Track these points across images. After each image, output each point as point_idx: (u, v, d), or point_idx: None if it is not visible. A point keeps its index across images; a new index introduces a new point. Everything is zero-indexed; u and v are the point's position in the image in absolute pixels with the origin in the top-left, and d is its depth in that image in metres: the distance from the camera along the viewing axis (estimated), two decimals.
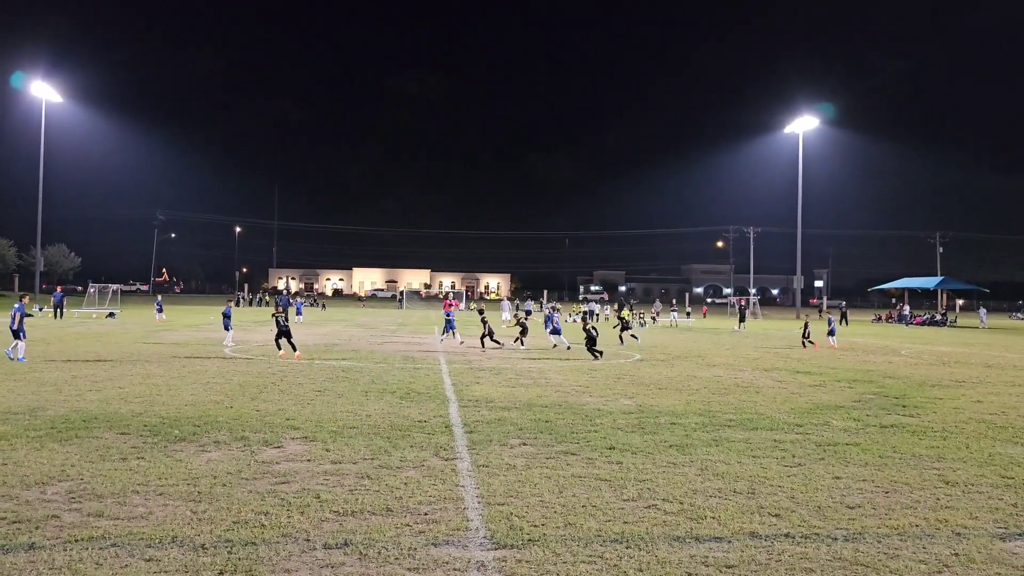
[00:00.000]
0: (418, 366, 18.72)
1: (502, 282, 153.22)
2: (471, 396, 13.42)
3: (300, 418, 10.83)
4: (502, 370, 18.10)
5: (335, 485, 7.25)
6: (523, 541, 5.76)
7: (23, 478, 7.25)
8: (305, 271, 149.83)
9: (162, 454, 8.40)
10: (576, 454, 8.80)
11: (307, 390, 13.80)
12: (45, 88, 61.58)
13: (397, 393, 13.61)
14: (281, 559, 5.30)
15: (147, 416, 10.72)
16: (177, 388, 13.74)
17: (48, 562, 5.14)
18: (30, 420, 10.23)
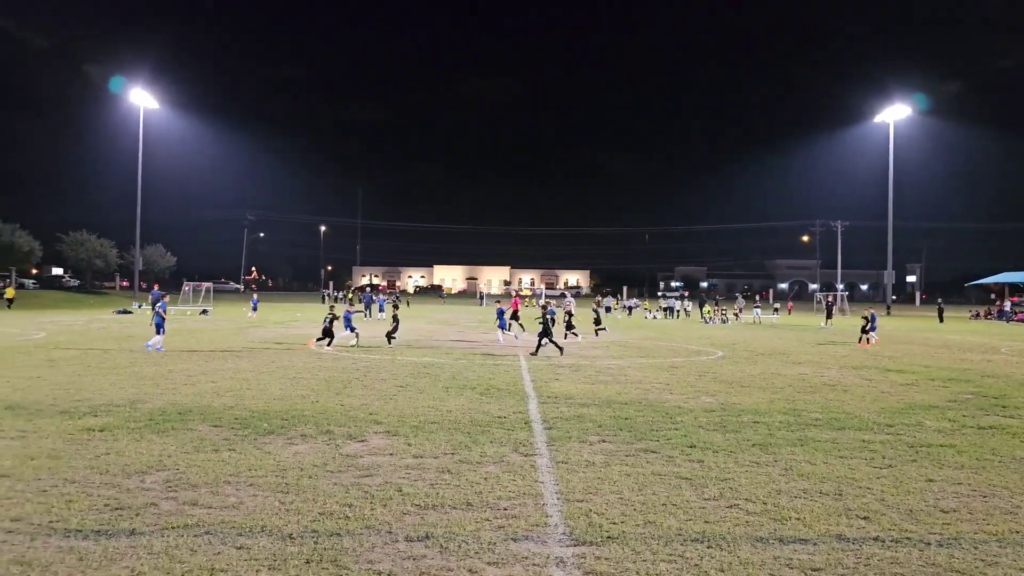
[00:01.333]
0: (498, 362, 18.85)
1: (581, 278, 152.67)
2: (550, 392, 13.44)
3: (383, 413, 11.05)
4: (581, 367, 18.06)
5: (417, 479, 7.38)
6: (602, 538, 5.75)
7: (124, 467, 7.64)
8: (388, 269, 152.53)
9: (252, 446, 8.71)
10: (656, 452, 8.71)
11: (390, 386, 14.08)
12: (143, 95, 64.47)
13: (477, 389, 13.74)
14: (365, 550, 5.43)
15: (238, 409, 11.13)
16: (266, 383, 14.21)
17: (147, 547, 5.40)
18: (130, 412, 10.76)
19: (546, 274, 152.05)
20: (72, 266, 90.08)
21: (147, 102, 64.85)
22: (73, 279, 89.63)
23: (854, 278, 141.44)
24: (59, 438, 8.96)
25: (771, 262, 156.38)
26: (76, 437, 9.02)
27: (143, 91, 64.50)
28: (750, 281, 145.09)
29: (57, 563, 5.07)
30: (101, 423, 9.88)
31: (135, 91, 64.20)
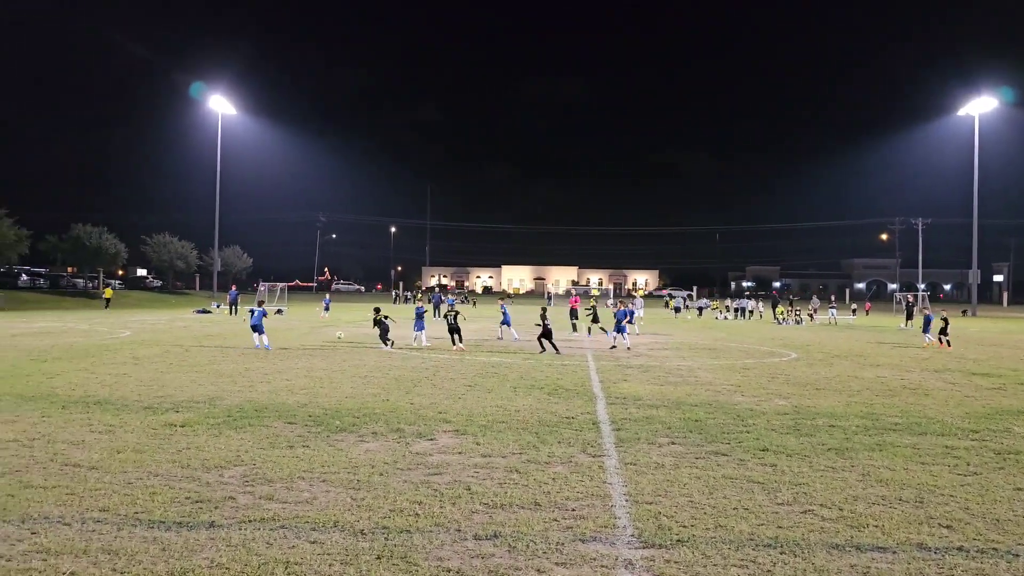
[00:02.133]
0: (565, 363, 18.81)
1: (650, 278, 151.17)
2: (618, 393, 13.35)
3: (452, 412, 11.16)
4: (650, 368, 17.89)
5: (485, 478, 7.43)
6: (672, 541, 5.68)
7: (204, 462, 7.90)
8: (456, 269, 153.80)
9: (325, 443, 8.90)
10: (727, 455, 8.57)
11: (458, 385, 14.20)
12: (221, 102, 66.58)
13: (545, 389, 13.74)
14: (434, 547, 5.49)
15: (311, 407, 11.39)
16: (338, 381, 14.51)
17: (226, 539, 5.58)
18: (209, 409, 11.12)
19: (614, 274, 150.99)
20: (155, 267, 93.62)
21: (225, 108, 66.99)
22: (156, 280, 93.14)
23: (936, 278, 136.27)
24: (143, 433, 9.33)
25: (848, 261, 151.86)
26: (159, 432, 9.38)
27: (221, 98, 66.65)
28: (825, 281, 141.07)
29: (142, 552, 5.28)
30: (182, 419, 10.24)
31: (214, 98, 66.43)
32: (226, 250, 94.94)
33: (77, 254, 75.49)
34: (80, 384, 13.57)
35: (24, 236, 61.74)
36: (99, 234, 75.49)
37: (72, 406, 11.15)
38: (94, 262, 75.96)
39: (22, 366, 16.36)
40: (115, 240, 77.01)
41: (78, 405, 11.25)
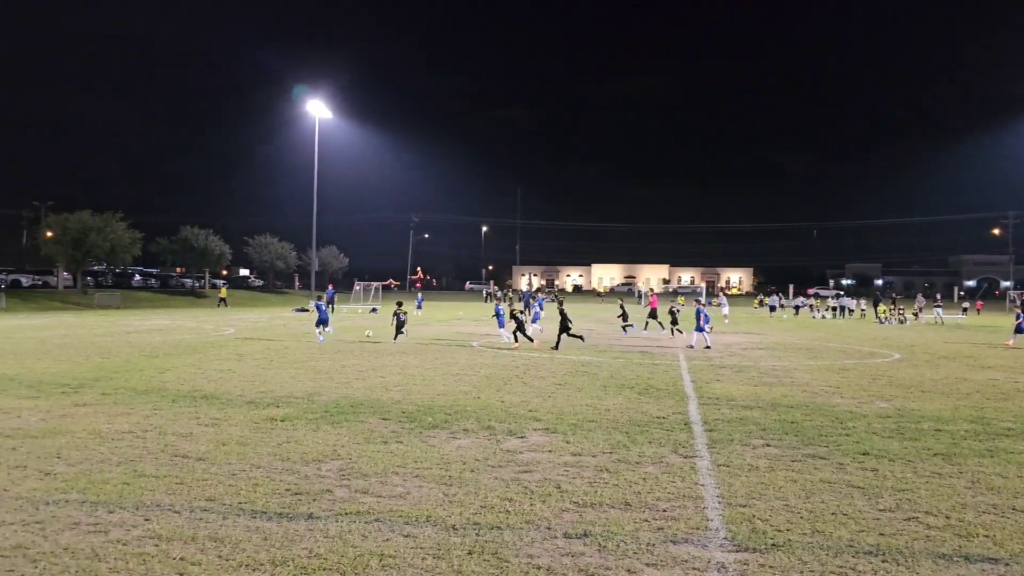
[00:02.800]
0: (656, 362, 18.60)
1: (744, 276, 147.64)
2: (711, 394, 13.11)
3: (542, 410, 11.19)
4: (744, 368, 17.48)
5: (575, 476, 7.43)
6: (766, 545, 5.55)
7: (303, 455, 8.18)
8: (546, 268, 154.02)
9: (418, 439, 9.08)
10: (825, 458, 8.29)
11: (548, 383, 14.23)
12: (318, 106, 68.67)
13: (635, 388, 13.62)
14: (524, 544, 5.53)
15: (405, 404, 11.63)
16: (431, 379, 14.76)
17: (323, 531, 5.77)
18: (308, 404, 11.50)
19: (706, 272, 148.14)
20: (257, 267, 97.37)
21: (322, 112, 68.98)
22: (257, 279, 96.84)
23: None
24: (246, 426, 9.73)
25: (956, 257, 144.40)
26: (261, 426, 9.76)
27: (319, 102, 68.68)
28: (931, 278, 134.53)
29: (245, 541, 5.51)
30: (282, 413, 10.63)
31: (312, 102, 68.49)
32: (323, 250, 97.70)
33: (185, 255, 79.32)
34: (188, 379, 14.26)
35: (137, 238, 65.23)
36: (205, 236, 79.07)
37: (181, 400, 11.73)
38: (200, 263, 79.64)
39: (136, 361, 17.31)
40: (220, 241, 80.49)
41: (186, 399, 11.83)
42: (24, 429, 9.39)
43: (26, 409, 10.80)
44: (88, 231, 60.12)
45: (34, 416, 10.28)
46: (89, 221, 61.00)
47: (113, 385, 13.34)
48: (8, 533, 5.61)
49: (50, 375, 14.66)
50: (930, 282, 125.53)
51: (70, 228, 60.20)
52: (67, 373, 15.01)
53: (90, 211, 62.26)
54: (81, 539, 5.51)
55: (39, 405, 11.17)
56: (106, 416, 10.34)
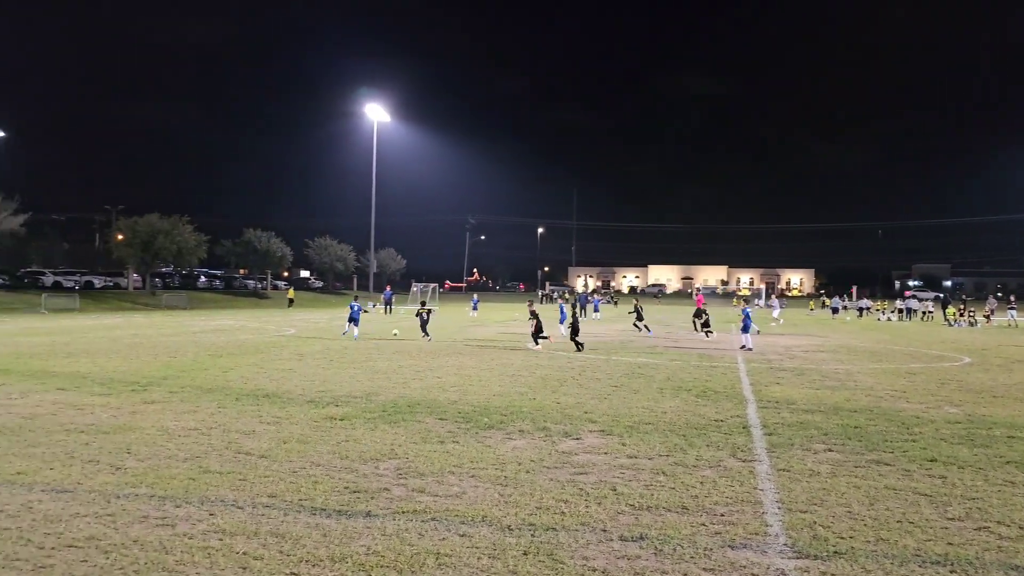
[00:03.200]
0: (715, 364, 18.34)
1: (805, 277, 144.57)
2: (771, 397, 12.88)
3: (597, 412, 11.15)
4: (805, 371, 17.13)
5: (631, 479, 7.38)
6: (828, 553, 5.42)
7: (361, 454, 8.30)
8: (602, 269, 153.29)
9: (473, 440, 9.13)
10: (890, 464, 8.07)
11: (604, 385, 14.16)
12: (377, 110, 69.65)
13: (693, 391, 13.46)
14: (580, 546, 5.51)
15: (461, 404, 11.71)
16: (487, 379, 14.83)
17: (381, 529, 5.85)
18: (366, 404, 11.67)
19: (766, 273, 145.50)
20: (317, 269, 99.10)
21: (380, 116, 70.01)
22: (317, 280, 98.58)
23: None
24: (307, 425, 9.92)
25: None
26: (320, 425, 9.94)
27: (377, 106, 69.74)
28: (1004, 279, 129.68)
29: (305, 537, 5.62)
30: (341, 412, 10.81)
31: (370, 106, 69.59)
32: (381, 252, 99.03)
33: (248, 257, 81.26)
34: (251, 378, 14.61)
35: (203, 241, 67.09)
36: (267, 238, 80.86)
37: (244, 398, 12.02)
38: (263, 264, 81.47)
39: (201, 361, 17.80)
40: (281, 244, 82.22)
41: (249, 397, 12.11)
42: (96, 425, 9.74)
43: (98, 406, 11.21)
44: (156, 234, 62.10)
45: (106, 413, 10.66)
46: (157, 224, 63.00)
47: (180, 383, 13.74)
48: (82, 525, 5.83)
49: (121, 373, 15.18)
50: (1002, 283, 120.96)
51: (139, 231, 62.27)
52: (137, 371, 15.52)
53: (158, 214, 64.32)
54: (150, 532, 5.70)
55: (110, 402, 11.57)
56: (173, 413, 10.66)
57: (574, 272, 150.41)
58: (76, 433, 9.21)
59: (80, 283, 65.78)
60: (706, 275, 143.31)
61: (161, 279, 71.81)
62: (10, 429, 9.40)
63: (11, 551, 5.27)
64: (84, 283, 66.35)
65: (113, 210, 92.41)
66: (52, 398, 11.90)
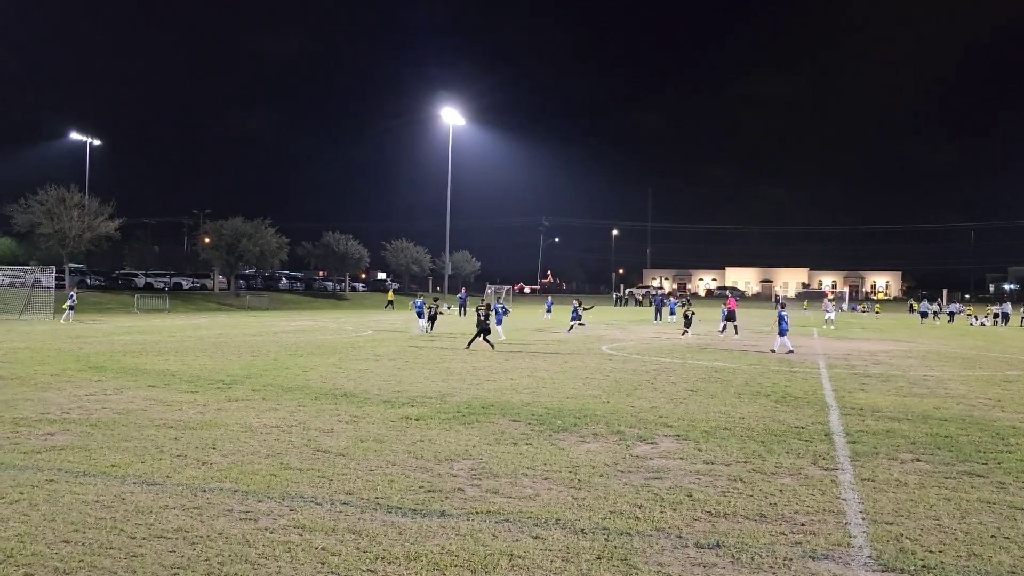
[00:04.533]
0: (795, 369, 17.87)
1: (891, 280, 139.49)
2: (854, 403, 12.46)
3: (673, 416, 10.99)
4: (891, 377, 16.51)
5: (707, 485, 7.24)
6: (916, 567, 5.20)
7: (436, 454, 8.39)
8: (678, 271, 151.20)
9: (547, 442, 9.11)
10: (983, 476, 7.70)
11: (680, 389, 13.95)
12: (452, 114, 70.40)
13: (772, 396, 13.14)
14: (654, 552, 5.44)
15: (534, 406, 11.71)
16: (560, 382, 14.79)
17: (455, 528, 5.89)
18: (440, 404, 11.79)
19: (849, 276, 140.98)
20: (393, 270, 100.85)
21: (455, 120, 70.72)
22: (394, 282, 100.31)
23: None
24: (383, 424, 10.08)
25: None
26: (396, 424, 10.09)
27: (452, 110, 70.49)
28: None
29: (381, 535, 5.71)
30: (417, 413, 10.95)
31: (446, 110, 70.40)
32: (456, 254, 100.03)
33: (327, 259, 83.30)
34: (329, 377, 14.94)
35: (284, 243, 69.07)
36: (346, 241, 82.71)
37: (323, 397, 12.30)
38: (341, 266, 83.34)
39: (283, 360, 18.30)
40: (359, 246, 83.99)
41: (328, 396, 12.39)
42: (184, 421, 10.12)
43: (186, 403, 11.64)
44: (240, 237, 64.25)
45: (193, 409, 11.07)
46: (241, 227, 65.18)
47: (262, 382, 14.16)
48: (171, 516, 6.06)
49: (207, 371, 15.74)
50: None
51: (225, 234, 64.55)
52: (221, 370, 16.06)
53: (242, 218, 66.52)
54: (233, 525, 5.88)
55: (197, 399, 12.01)
56: (256, 411, 10.99)
57: (649, 274, 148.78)
58: (165, 428, 9.58)
59: (169, 284, 68.60)
60: (786, 277, 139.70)
61: (245, 280, 74.26)
62: (105, 424, 9.85)
63: (105, 540, 5.52)
64: (173, 284, 69.17)
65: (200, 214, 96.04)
66: (143, 394, 12.43)
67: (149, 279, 69.87)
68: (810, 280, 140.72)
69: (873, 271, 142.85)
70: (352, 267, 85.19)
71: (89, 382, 13.87)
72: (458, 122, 71.17)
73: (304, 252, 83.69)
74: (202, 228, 75.37)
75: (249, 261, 67.98)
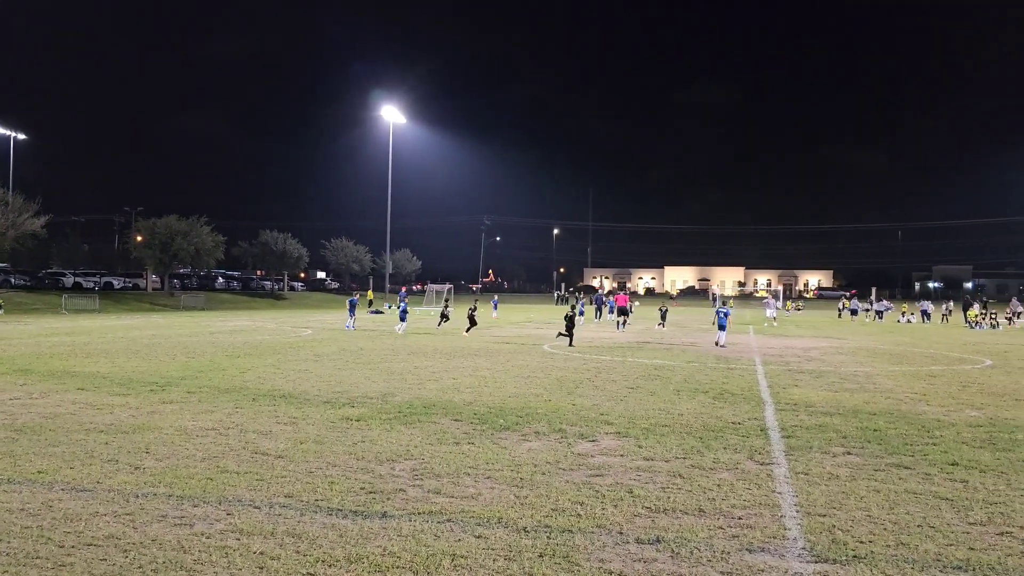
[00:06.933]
0: (732, 366, 18.24)
1: (824, 278, 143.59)
2: (789, 399, 12.78)
3: (613, 414, 11.10)
4: (824, 373, 16.99)
5: (647, 481, 7.34)
6: (847, 557, 5.37)
7: (377, 454, 8.31)
8: (618, 270, 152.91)
9: (489, 441, 9.12)
10: (910, 468, 7.98)
11: (620, 387, 14.11)
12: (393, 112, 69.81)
13: (710, 393, 13.39)
14: (596, 548, 5.49)
15: (476, 405, 11.70)
16: (502, 381, 14.81)
17: (397, 529, 5.84)
18: (382, 405, 11.69)
19: (784, 274, 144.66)
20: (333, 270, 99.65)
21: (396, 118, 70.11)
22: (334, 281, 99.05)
23: None
24: (323, 425, 9.95)
25: None
26: (337, 425, 9.97)
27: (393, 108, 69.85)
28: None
29: (321, 537, 5.63)
30: (357, 413, 10.83)
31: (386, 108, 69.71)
32: (397, 253, 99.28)
33: (265, 258, 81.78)
34: (268, 378, 14.67)
35: (220, 242, 67.59)
36: (284, 240, 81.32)
37: (261, 399, 12.08)
38: (280, 265, 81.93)
39: (219, 361, 17.91)
40: (298, 245, 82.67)
41: (266, 398, 12.17)
42: (116, 425, 9.82)
43: (117, 406, 11.30)
44: (175, 235, 62.65)
45: (125, 412, 10.74)
46: (176, 226, 63.55)
47: (198, 384, 13.83)
48: (101, 523, 5.87)
49: (139, 373, 15.30)
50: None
51: (158, 232, 62.85)
52: (155, 372, 15.63)
53: (177, 216, 64.86)
54: (168, 531, 5.73)
55: (129, 402, 11.66)
56: (191, 413, 10.73)
57: (589, 273, 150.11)
58: (96, 433, 9.28)
59: (100, 284, 66.50)
60: (723, 276, 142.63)
61: (179, 280, 72.45)
62: (31, 429, 9.50)
63: (32, 549, 5.32)
64: (104, 284, 67.08)
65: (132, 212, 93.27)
66: (72, 398, 12.01)
67: (78, 278, 67.58)
68: (746, 279, 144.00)
69: (806, 270, 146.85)
70: (291, 266, 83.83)
71: (13, 386, 13.35)
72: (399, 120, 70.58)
73: (241, 251, 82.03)
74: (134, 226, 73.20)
75: (184, 260, 66.29)
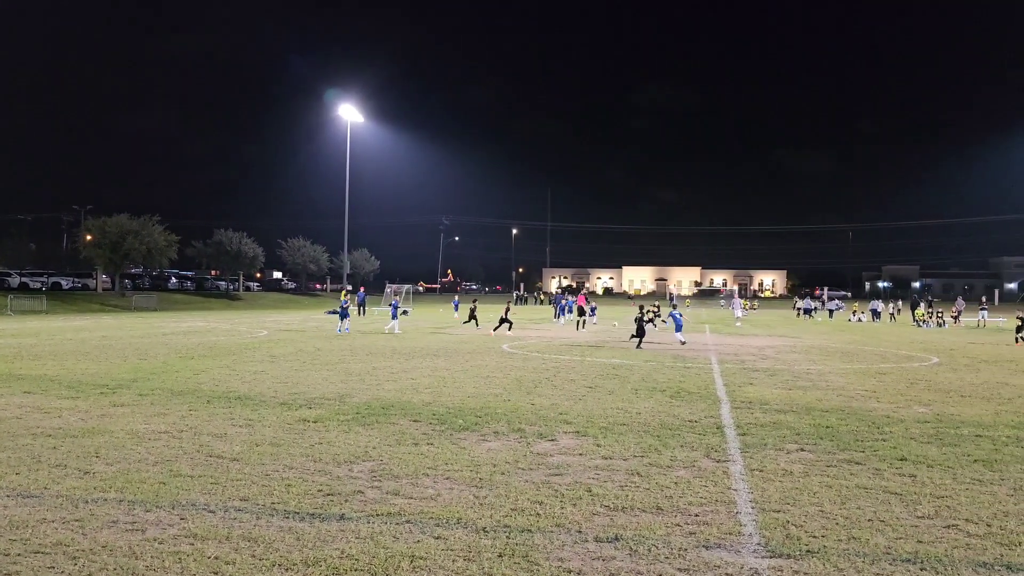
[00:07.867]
0: (688, 365, 18.45)
1: (777, 279, 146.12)
2: (744, 397, 12.97)
3: (572, 413, 11.16)
4: (778, 371, 17.29)
5: (606, 480, 7.39)
6: (801, 551, 5.47)
7: (335, 456, 8.23)
8: (577, 270, 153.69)
9: (448, 441, 9.09)
10: (861, 463, 8.16)
11: (579, 386, 14.18)
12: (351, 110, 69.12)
13: (667, 392, 13.53)
14: (555, 548, 5.51)
15: (435, 406, 11.66)
16: (461, 381, 14.78)
17: (355, 532, 5.80)
18: (339, 406, 11.58)
19: (739, 274, 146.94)
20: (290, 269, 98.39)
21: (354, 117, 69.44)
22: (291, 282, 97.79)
23: None
24: (279, 427, 9.82)
25: (997, 259, 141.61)
26: (293, 427, 9.85)
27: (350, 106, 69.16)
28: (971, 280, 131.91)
29: (278, 541, 5.56)
30: (315, 415, 10.72)
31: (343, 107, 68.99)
32: (355, 253, 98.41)
33: (220, 258, 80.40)
34: (223, 380, 14.44)
35: (173, 241, 66.25)
36: (239, 239, 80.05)
37: (215, 401, 11.88)
38: (235, 265, 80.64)
39: (172, 363, 17.57)
40: (253, 244, 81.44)
41: (221, 400, 11.97)
42: (64, 428, 9.57)
43: (66, 409, 11.01)
44: (126, 234, 61.22)
45: (74, 416, 10.48)
46: (127, 225, 62.11)
47: (150, 386, 13.55)
48: (49, 530, 5.72)
49: (89, 376, 14.94)
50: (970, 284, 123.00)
51: (109, 231, 61.35)
52: (105, 374, 15.28)
53: (128, 215, 63.42)
54: (119, 537, 5.60)
55: (78, 405, 11.38)
56: (143, 416, 10.50)
57: (548, 273, 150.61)
58: (43, 437, 9.04)
59: (47, 284, 64.74)
60: (680, 276, 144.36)
61: (131, 280, 70.81)
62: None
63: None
64: (51, 284, 65.31)
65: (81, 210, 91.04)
66: (18, 401, 11.68)
67: (24, 279, 65.76)
68: (702, 278, 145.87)
69: (761, 270, 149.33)
70: (246, 266, 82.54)
71: None
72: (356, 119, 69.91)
73: (195, 251, 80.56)
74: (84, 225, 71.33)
75: (135, 260, 64.81)
